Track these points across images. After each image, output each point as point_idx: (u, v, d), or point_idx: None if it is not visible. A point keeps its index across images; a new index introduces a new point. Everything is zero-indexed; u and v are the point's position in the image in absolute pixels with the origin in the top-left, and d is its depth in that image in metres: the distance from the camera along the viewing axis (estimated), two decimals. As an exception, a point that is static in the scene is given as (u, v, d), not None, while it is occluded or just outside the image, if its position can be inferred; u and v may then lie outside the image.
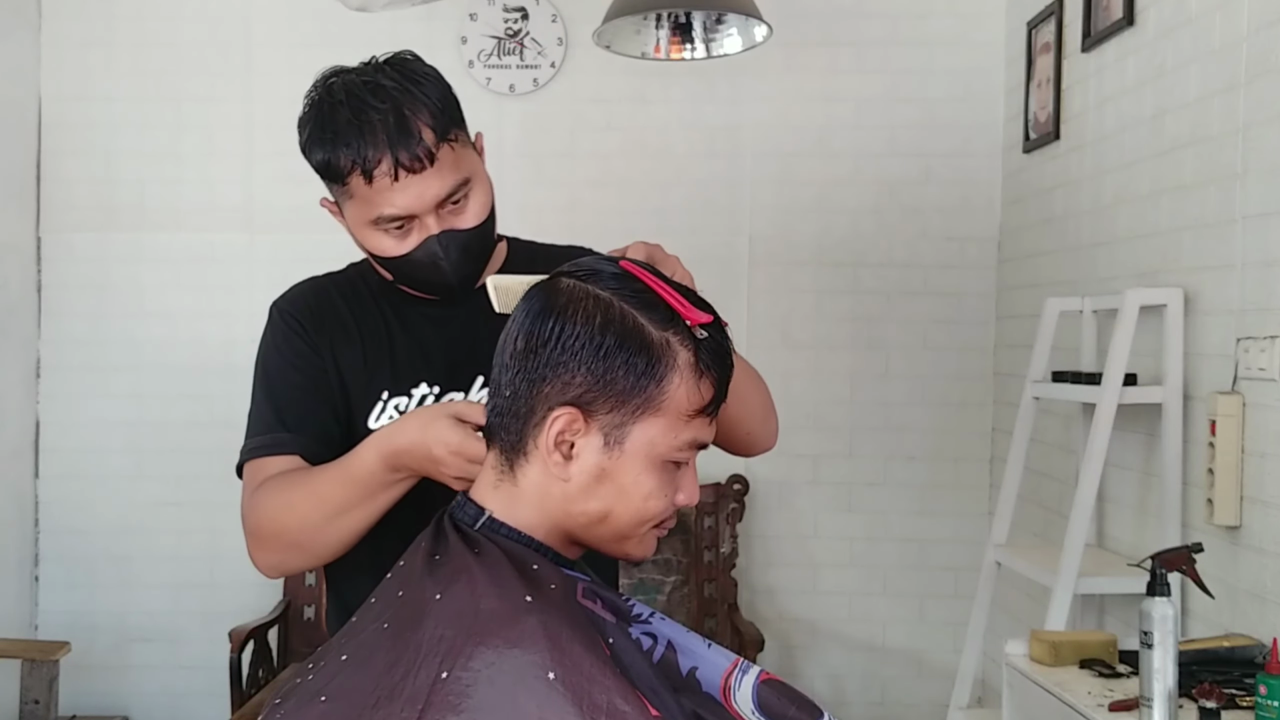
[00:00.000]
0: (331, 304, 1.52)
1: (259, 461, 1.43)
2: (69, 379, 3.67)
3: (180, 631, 3.65)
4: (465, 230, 1.42)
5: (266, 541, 1.40)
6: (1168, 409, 2.40)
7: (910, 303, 3.67)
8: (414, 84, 1.38)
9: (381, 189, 1.36)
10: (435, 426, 1.25)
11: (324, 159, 1.37)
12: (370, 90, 1.35)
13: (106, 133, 3.66)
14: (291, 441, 1.43)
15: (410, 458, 1.28)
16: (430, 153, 1.35)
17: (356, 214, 1.41)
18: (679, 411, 1.07)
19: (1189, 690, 1.83)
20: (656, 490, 1.08)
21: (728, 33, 2.74)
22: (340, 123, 1.35)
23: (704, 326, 1.09)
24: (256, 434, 1.46)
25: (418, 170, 1.35)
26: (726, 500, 3.57)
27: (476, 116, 4.26)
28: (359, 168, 1.35)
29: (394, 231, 1.40)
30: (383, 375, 1.48)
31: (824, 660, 3.71)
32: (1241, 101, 2.22)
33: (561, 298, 1.08)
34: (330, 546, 1.38)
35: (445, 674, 0.95)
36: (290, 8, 3.64)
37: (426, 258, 1.41)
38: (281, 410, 1.46)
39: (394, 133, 1.34)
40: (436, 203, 1.38)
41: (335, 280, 1.56)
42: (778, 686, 1.09)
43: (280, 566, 1.43)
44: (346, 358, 1.49)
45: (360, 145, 1.34)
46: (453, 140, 1.39)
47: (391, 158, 1.34)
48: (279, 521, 1.38)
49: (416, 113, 1.36)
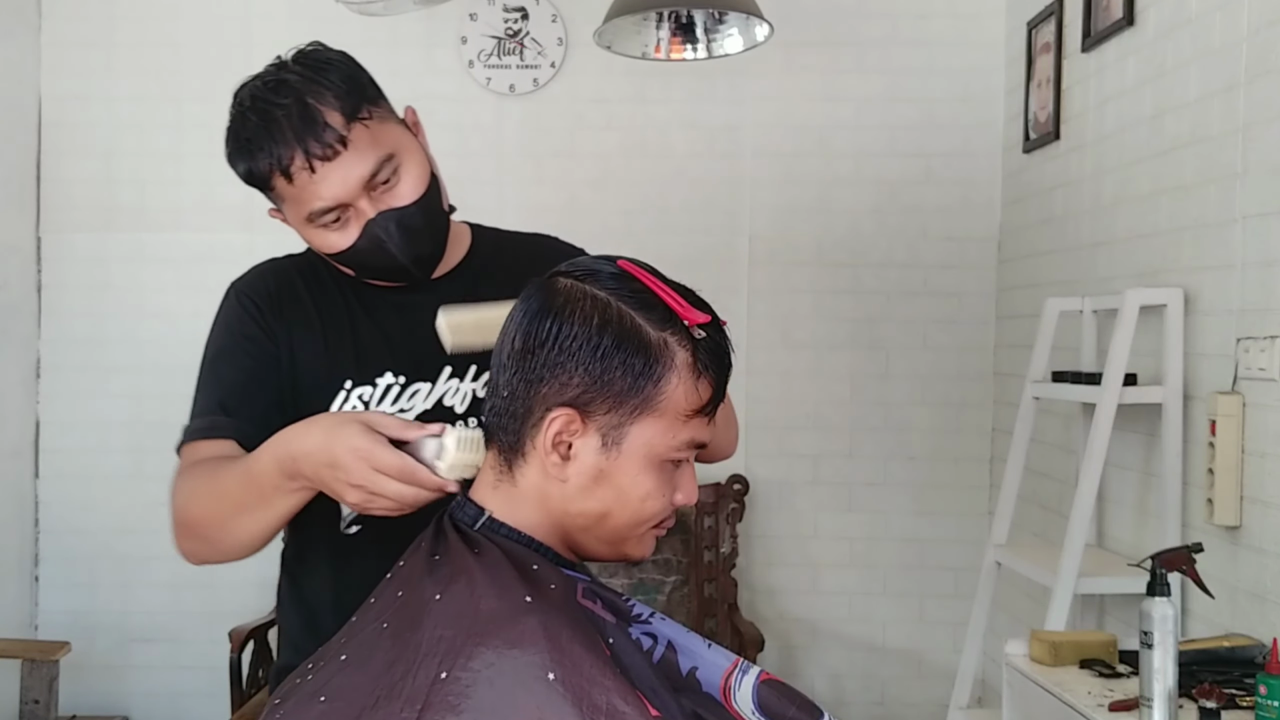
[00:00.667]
0: (293, 288, 1.48)
1: (195, 445, 1.40)
2: (69, 379, 3.67)
3: (180, 631, 3.65)
4: (403, 207, 1.38)
5: (181, 529, 1.36)
6: (1168, 409, 2.40)
7: (910, 303, 3.67)
8: (317, 71, 1.35)
9: (304, 184, 1.33)
10: (343, 431, 1.17)
11: (245, 169, 1.35)
12: (273, 89, 1.33)
13: (106, 133, 3.66)
14: (229, 426, 1.39)
15: (307, 464, 1.19)
16: (340, 136, 1.32)
17: (293, 216, 1.38)
18: (677, 411, 1.06)
19: (1189, 690, 1.82)
20: (655, 490, 1.08)
21: (728, 32, 2.73)
22: (250, 129, 1.33)
23: (702, 326, 1.08)
24: (197, 415, 1.43)
25: (331, 157, 1.32)
26: (726, 500, 3.57)
27: (477, 116, 4.26)
28: (276, 169, 1.32)
29: (333, 225, 1.37)
30: (346, 364, 1.44)
31: (824, 660, 3.71)
32: (1241, 101, 2.22)
33: (559, 298, 1.07)
34: (234, 545, 1.31)
35: (445, 674, 0.95)
36: (290, 8, 3.64)
37: (371, 244, 1.37)
38: (224, 394, 1.42)
39: (299, 125, 1.31)
40: (363, 185, 1.34)
41: (297, 263, 1.52)
42: (778, 687, 1.09)
43: (197, 555, 1.38)
44: (306, 344, 1.45)
45: (271, 146, 1.31)
46: (365, 119, 1.35)
47: (302, 150, 1.31)
48: (189, 510, 1.34)
49: (320, 99, 1.32)
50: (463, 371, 1.46)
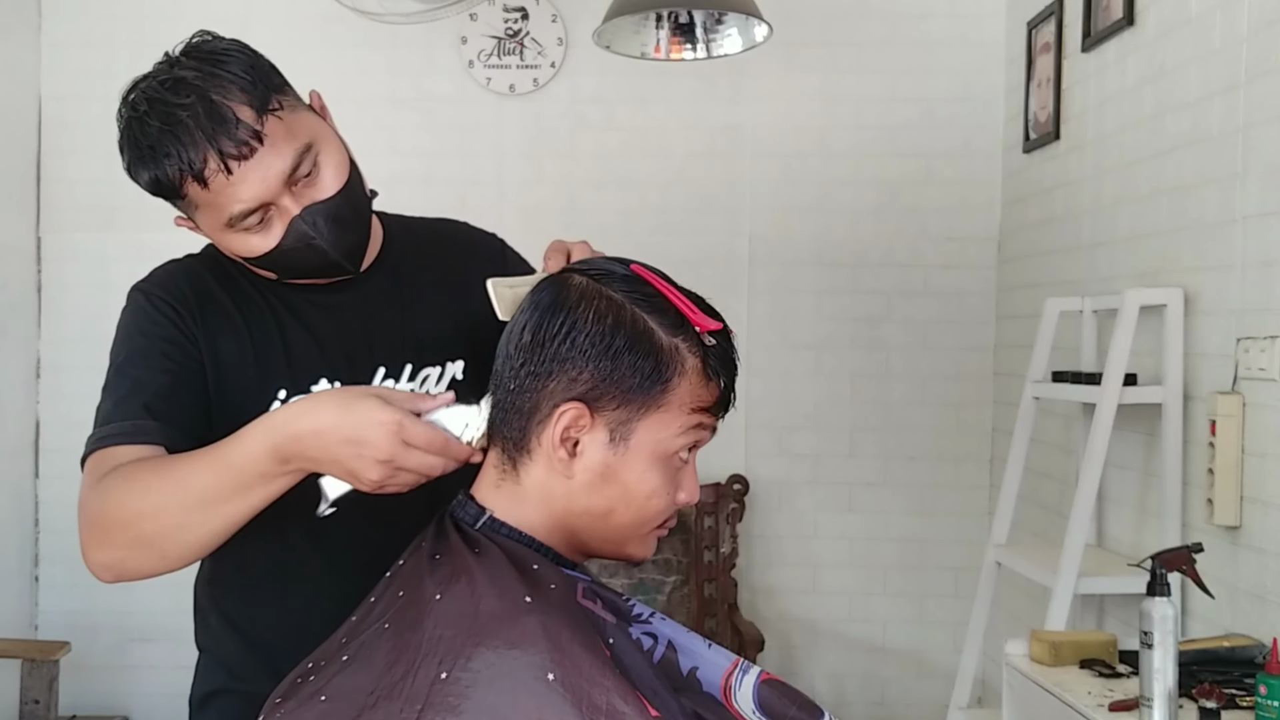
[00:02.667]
0: (209, 291, 1.37)
1: (112, 450, 1.25)
2: (69, 379, 3.67)
3: (180, 631, 3.58)
4: (328, 199, 1.28)
5: (109, 534, 1.21)
6: (1168, 409, 2.40)
7: (910, 303, 3.67)
8: (216, 65, 1.25)
9: (220, 188, 1.22)
10: (362, 405, 1.09)
11: (151, 178, 1.24)
12: (171, 89, 1.22)
13: (106, 133, 3.61)
14: (158, 431, 1.26)
15: (315, 443, 1.10)
16: (255, 132, 1.22)
17: (209, 222, 1.28)
18: (684, 409, 1.07)
19: (1189, 690, 1.82)
20: (660, 488, 1.08)
21: (728, 33, 2.73)
22: (152, 134, 1.22)
23: (712, 334, 1.09)
24: (112, 420, 1.29)
25: (248, 155, 1.21)
26: (726, 500, 3.57)
27: (477, 116, 4.25)
28: (188, 174, 1.22)
29: (255, 228, 1.26)
30: (278, 370, 1.34)
31: (824, 660, 3.71)
32: (1241, 101, 2.22)
33: (573, 294, 1.07)
34: (184, 546, 1.20)
35: (445, 674, 0.95)
36: (290, 8, 3.64)
37: (299, 242, 1.27)
38: (147, 399, 1.29)
39: (208, 124, 1.20)
40: (284, 181, 1.24)
41: (204, 263, 1.41)
42: (778, 687, 1.09)
43: (119, 566, 1.24)
44: (229, 350, 1.34)
45: (179, 150, 1.21)
46: (276, 110, 1.24)
47: (216, 152, 1.20)
48: (129, 509, 1.18)
49: (226, 95, 1.22)
50: (398, 372, 1.39)
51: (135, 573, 1.25)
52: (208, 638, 1.48)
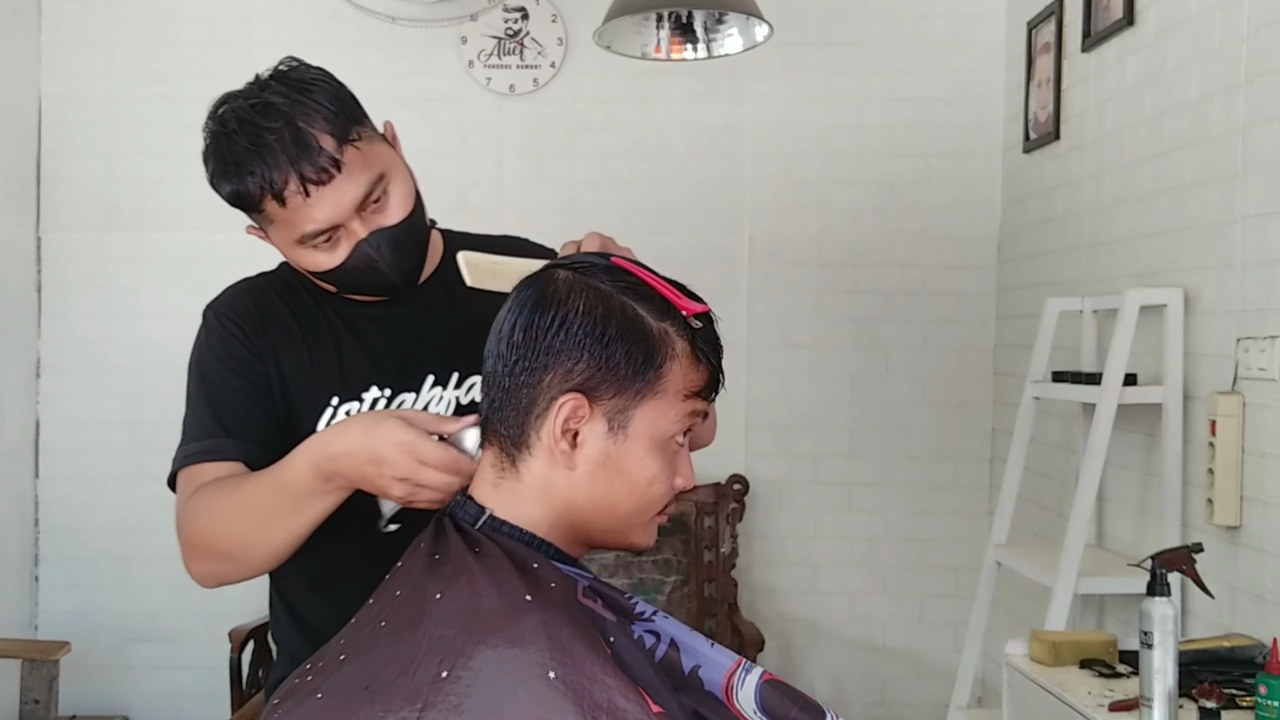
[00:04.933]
0: (271, 307, 1.49)
1: (198, 468, 1.40)
2: (69, 379, 3.67)
3: (180, 631, 3.64)
4: (393, 226, 1.39)
5: (200, 550, 1.36)
6: (1168, 409, 2.40)
7: (910, 303, 3.67)
8: (303, 93, 1.34)
9: (296, 208, 1.33)
10: (383, 426, 1.21)
11: (233, 191, 1.35)
12: (260, 111, 1.32)
13: (106, 133, 3.66)
14: (234, 448, 1.40)
15: (348, 463, 1.22)
16: (335, 160, 1.33)
17: (282, 236, 1.39)
18: (677, 393, 1.09)
19: (1189, 690, 1.83)
20: (660, 473, 1.09)
21: (728, 33, 2.73)
22: (239, 152, 1.33)
23: (697, 317, 1.11)
24: (195, 439, 1.43)
25: (326, 181, 1.33)
26: (726, 500, 3.57)
27: (477, 116, 4.25)
28: (268, 193, 1.32)
29: (322, 245, 1.38)
30: (331, 380, 1.46)
31: (824, 660, 3.71)
32: (1241, 101, 2.22)
33: (561, 288, 1.08)
34: (261, 557, 1.33)
35: (445, 673, 0.95)
36: (290, 8, 3.64)
37: (362, 263, 1.39)
38: (222, 416, 1.42)
39: (292, 149, 1.31)
40: (355, 207, 1.36)
41: (272, 281, 1.54)
42: (781, 687, 1.09)
43: (214, 576, 1.38)
44: (290, 362, 1.46)
45: (263, 170, 1.31)
46: (355, 141, 1.36)
47: (297, 175, 1.31)
48: (209, 530, 1.34)
49: (311, 123, 1.33)
50: (445, 380, 1.48)
51: (228, 580, 1.39)
52: (279, 632, 1.59)
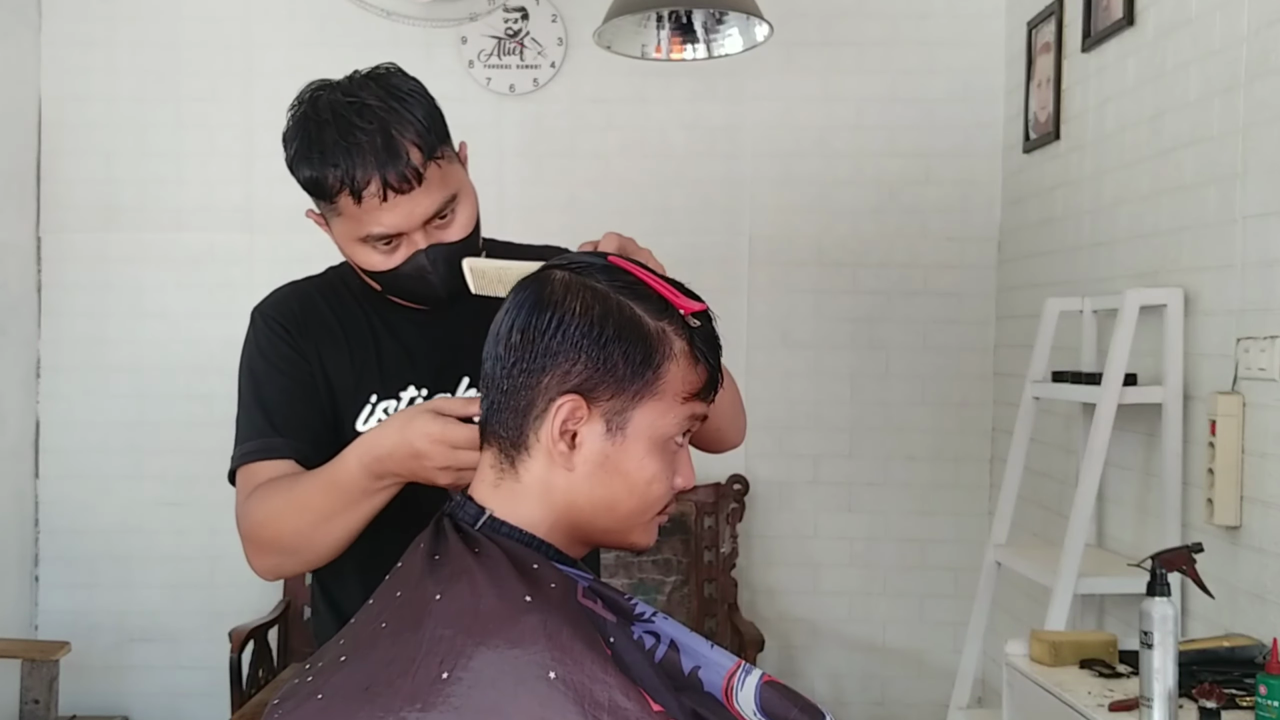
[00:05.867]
0: (315, 308, 1.53)
1: (252, 467, 1.44)
2: (69, 379, 3.67)
3: (180, 631, 3.64)
4: (452, 244, 1.43)
5: (261, 547, 1.41)
6: (1168, 409, 2.40)
7: (910, 303, 3.67)
8: (399, 102, 1.38)
9: (370, 209, 1.36)
10: (415, 422, 1.26)
11: (312, 177, 1.38)
12: (356, 110, 1.36)
13: (106, 133, 3.66)
14: (284, 446, 1.44)
15: (393, 461, 1.28)
16: (418, 173, 1.36)
17: (345, 230, 1.42)
18: (676, 394, 1.08)
19: (1189, 690, 1.83)
20: (659, 474, 1.09)
21: (728, 32, 2.73)
22: (327, 142, 1.35)
23: (695, 315, 1.10)
24: (248, 439, 1.47)
25: (406, 191, 1.36)
26: (726, 500, 3.57)
27: (477, 116, 4.25)
28: (347, 188, 1.35)
29: (382, 247, 1.41)
30: (371, 378, 1.49)
31: (824, 660, 3.71)
32: (1241, 101, 2.22)
33: (557, 290, 1.08)
34: (321, 551, 1.38)
35: (445, 674, 0.95)
36: (290, 8, 3.64)
37: (415, 272, 1.42)
38: (271, 414, 1.46)
39: (382, 154, 1.34)
40: (425, 220, 1.40)
41: (317, 284, 1.57)
42: (781, 689, 1.09)
43: (277, 570, 1.44)
44: (333, 361, 1.50)
45: (349, 166, 1.34)
46: (440, 158, 1.40)
47: (380, 179, 1.34)
48: (270, 528, 1.39)
49: (403, 133, 1.36)
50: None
51: (290, 573, 1.48)
52: (318, 624, 1.62)
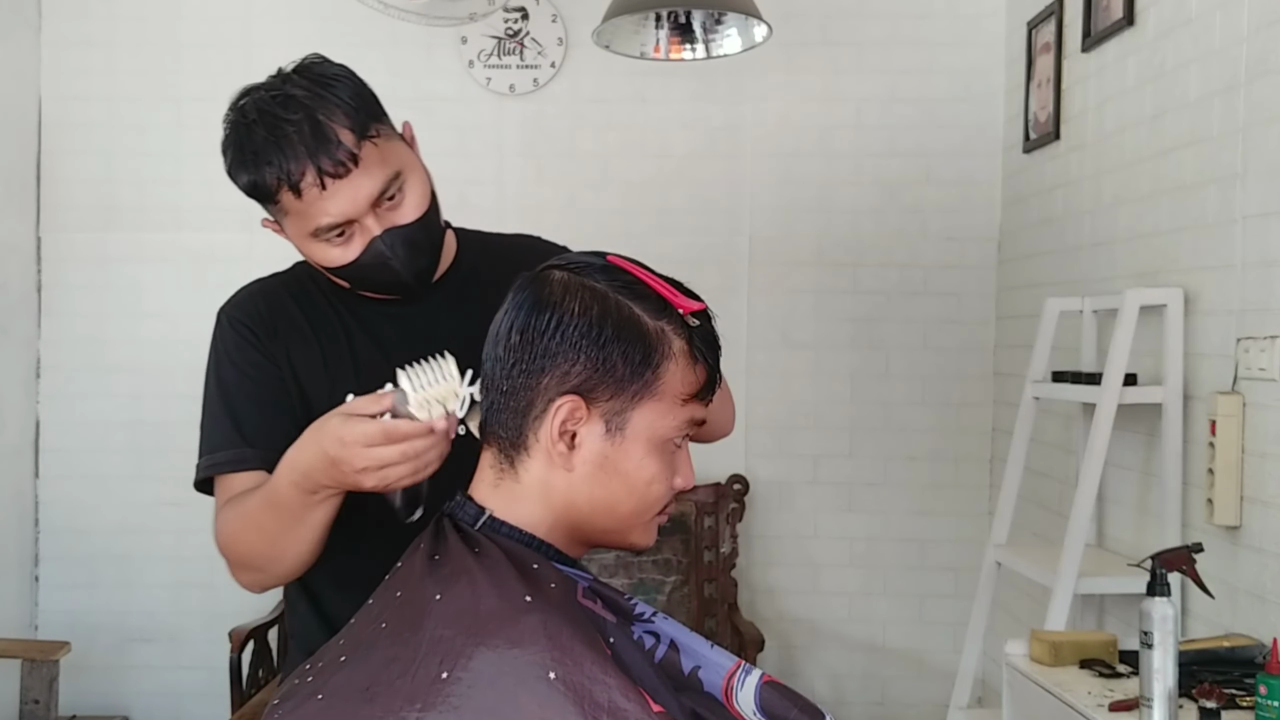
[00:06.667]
0: (284, 307, 1.49)
1: (227, 479, 1.42)
2: (69, 379, 3.67)
3: (180, 631, 3.64)
4: (407, 225, 1.39)
5: (236, 563, 1.40)
6: (1168, 409, 2.40)
7: (910, 303, 3.67)
8: (324, 87, 1.35)
9: (312, 200, 1.34)
10: (325, 428, 1.21)
11: (249, 181, 1.35)
12: (281, 103, 1.33)
13: (106, 133, 3.66)
14: (255, 457, 1.41)
15: (317, 473, 1.24)
16: (352, 154, 1.33)
17: (296, 229, 1.39)
18: (675, 395, 1.08)
19: (1189, 690, 1.83)
20: (659, 474, 1.09)
21: (728, 33, 2.73)
22: (258, 142, 1.33)
23: (694, 315, 1.11)
24: (217, 448, 1.44)
25: (343, 175, 1.33)
26: (726, 500, 3.57)
27: (477, 116, 4.25)
28: (285, 183, 1.32)
29: (336, 240, 1.38)
30: (346, 378, 1.45)
31: (824, 660, 3.71)
32: (1241, 101, 2.22)
33: (556, 289, 1.08)
34: (288, 565, 1.36)
35: (445, 674, 0.95)
36: (290, 8, 3.64)
37: (375, 260, 1.39)
38: (241, 424, 1.43)
39: (311, 141, 1.31)
40: (370, 203, 1.36)
41: (284, 281, 1.54)
42: (780, 689, 1.09)
43: (259, 583, 1.42)
44: (304, 362, 1.46)
45: (281, 160, 1.31)
46: (374, 137, 1.36)
47: (314, 167, 1.31)
48: (238, 546, 1.38)
49: (331, 116, 1.33)
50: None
51: (271, 585, 1.44)
52: (296, 625, 1.59)
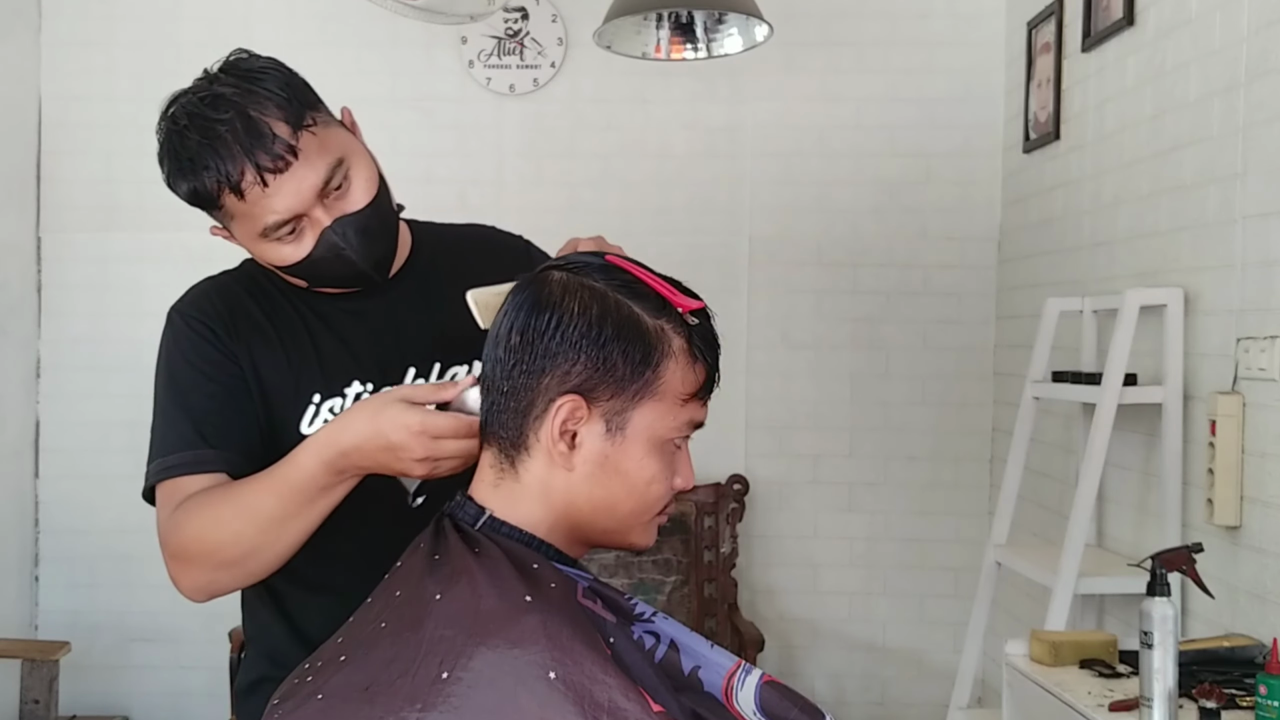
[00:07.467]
0: (242, 306, 1.43)
1: (178, 481, 1.34)
2: (69, 379, 3.67)
3: (180, 631, 3.64)
4: (358, 212, 1.35)
5: (194, 562, 1.30)
6: (1168, 409, 2.40)
7: (910, 303, 3.67)
8: (253, 82, 1.30)
9: (256, 199, 1.29)
10: (388, 413, 1.19)
11: (190, 189, 1.31)
12: (210, 104, 1.28)
13: (106, 133, 3.66)
14: (215, 458, 1.34)
15: (360, 454, 1.21)
16: (290, 147, 1.28)
17: (245, 232, 1.34)
18: (675, 394, 1.08)
19: (1189, 690, 1.83)
20: (659, 474, 1.09)
21: (728, 33, 2.73)
22: (191, 147, 1.28)
23: (693, 313, 1.10)
24: (173, 450, 1.36)
25: (283, 169, 1.28)
26: (726, 500, 3.57)
27: (477, 116, 4.24)
28: (225, 185, 1.28)
29: (287, 238, 1.33)
30: (311, 377, 1.41)
31: (824, 660, 3.71)
32: (1241, 101, 2.22)
33: (556, 290, 1.08)
34: (265, 561, 1.30)
35: (445, 674, 0.95)
36: (290, 8, 3.64)
37: (329, 252, 1.34)
38: (200, 424, 1.36)
39: (246, 139, 1.27)
40: (316, 193, 1.31)
41: (238, 278, 1.48)
42: (780, 689, 1.09)
43: (208, 589, 1.32)
44: (267, 362, 1.40)
45: (217, 163, 1.27)
46: (310, 126, 1.31)
47: (253, 165, 1.27)
48: (208, 539, 1.29)
49: (263, 111, 1.28)
50: (427, 370, 1.44)
51: (224, 590, 1.35)
52: (256, 630, 1.55)
